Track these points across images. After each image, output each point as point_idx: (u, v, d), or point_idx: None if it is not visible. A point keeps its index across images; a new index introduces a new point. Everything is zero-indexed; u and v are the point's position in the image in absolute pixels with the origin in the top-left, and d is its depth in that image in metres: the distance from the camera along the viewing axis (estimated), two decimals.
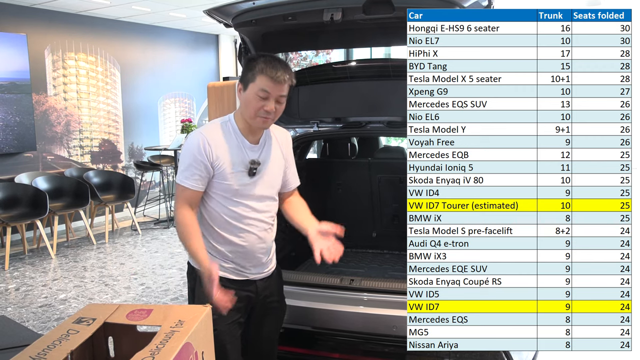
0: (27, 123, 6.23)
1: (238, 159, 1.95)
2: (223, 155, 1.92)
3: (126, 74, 7.47)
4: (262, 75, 1.86)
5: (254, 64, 1.89)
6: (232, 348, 2.04)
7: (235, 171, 1.94)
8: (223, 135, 1.95)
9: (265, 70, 1.86)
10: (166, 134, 8.12)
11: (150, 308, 1.36)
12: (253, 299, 2.09)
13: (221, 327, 1.97)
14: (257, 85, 1.87)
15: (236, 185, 1.95)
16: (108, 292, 4.47)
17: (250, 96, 1.89)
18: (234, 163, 1.94)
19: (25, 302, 4.25)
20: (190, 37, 8.38)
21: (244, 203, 1.98)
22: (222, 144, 1.93)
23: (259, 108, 1.88)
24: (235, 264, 2.03)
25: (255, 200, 2.00)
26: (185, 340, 1.19)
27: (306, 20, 2.41)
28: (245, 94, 1.91)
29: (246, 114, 1.93)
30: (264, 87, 1.86)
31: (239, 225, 1.99)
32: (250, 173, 1.96)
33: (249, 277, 2.07)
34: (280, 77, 1.86)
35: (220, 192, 1.96)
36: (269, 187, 2.04)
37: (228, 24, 2.53)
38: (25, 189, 5.57)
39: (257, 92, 1.87)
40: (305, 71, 3.37)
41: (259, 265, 2.09)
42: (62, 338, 1.22)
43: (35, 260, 5.43)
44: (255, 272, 2.08)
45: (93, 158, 7.15)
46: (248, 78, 1.90)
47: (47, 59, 6.53)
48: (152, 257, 5.50)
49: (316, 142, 4.53)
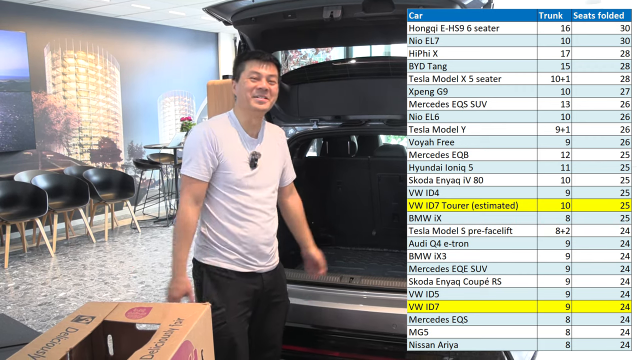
0: (27, 121, 6.23)
1: (240, 150, 2.05)
2: (227, 146, 2.02)
3: (126, 72, 7.46)
4: (250, 60, 2.04)
5: (241, 58, 2.09)
6: (240, 341, 2.08)
7: (238, 162, 2.04)
8: (226, 128, 2.07)
9: (252, 55, 2.06)
10: (166, 132, 8.12)
11: (149, 306, 1.35)
12: (259, 292, 2.14)
13: (230, 321, 2.03)
14: (247, 71, 2.03)
15: (238, 175, 2.04)
16: (108, 290, 4.47)
17: (243, 82, 2.03)
18: (237, 154, 2.04)
19: (25, 300, 4.25)
20: (189, 35, 8.38)
21: (246, 193, 2.06)
22: (226, 135, 2.04)
23: (253, 88, 2.01)
24: (240, 255, 2.09)
25: (257, 191, 2.08)
26: (184, 338, 1.19)
27: (306, 18, 2.41)
28: (239, 84, 2.06)
29: (242, 100, 2.05)
30: (253, 69, 2.02)
31: (241, 215, 2.06)
32: (252, 164, 2.06)
33: (254, 270, 2.12)
34: (266, 57, 2.03)
35: (223, 182, 2.04)
36: (269, 179, 2.13)
37: (228, 22, 2.53)
38: (25, 187, 5.56)
39: (248, 76, 2.02)
40: (305, 69, 3.36)
41: (263, 257, 2.14)
42: (61, 336, 1.22)
43: (34, 259, 5.43)
44: (261, 264, 2.13)
45: (92, 156, 7.14)
46: (238, 70, 2.06)
47: (47, 57, 6.53)
48: (151, 255, 5.50)
49: (316, 141, 4.53)
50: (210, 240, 2.09)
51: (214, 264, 2.09)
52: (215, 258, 2.08)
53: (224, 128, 2.06)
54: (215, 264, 2.08)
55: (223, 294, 2.06)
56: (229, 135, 2.05)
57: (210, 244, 2.09)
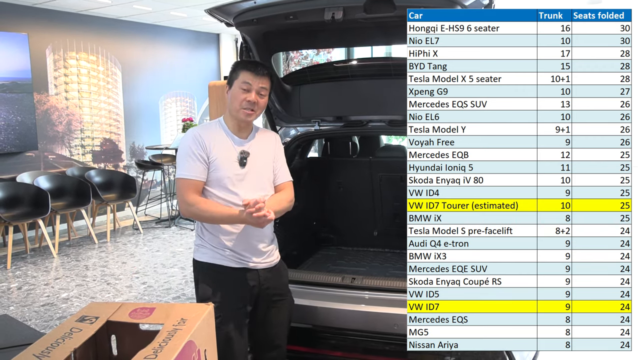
0: (29, 122, 6.24)
1: (229, 150, 2.12)
2: (215, 147, 2.09)
3: (127, 73, 7.48)
4: (244, 70, 2.10)
5: (237, 65, 2.16)
6: (236, 336, 2.10)
7: (227, 161, 2.10)
8: (214, 131, 2.15)
9: (246, 66, 2.12)
10: (167, 133, 8.13)
11: (152, 306, 1.36)
12: (256, 287, 2.16)
13: (225, 315, 2.04)
14: (239, 80, 2.10)
15: (229, 173, 2.09)
16: (110, 291, 4.49)
17: (235, 90, 2.11)
18: (226, 153, 2.10)
19: (28, 301, 4.26)
20: (191, 36, 8.39)
21: (235, 192, 2.10)
22: (215, 137, 2.12)
23: (242, 100, 2.08)
24: (233, 251, 2.13)
25: (247, 190, 2.11)
26: (187, 338, 1.20)
27: (307, 19, 2.41)
28: (231, 91, 2.13)
29: (232, 108, 2.12)
30: (245, 80, 2.09)
31: None
32: (241, 163, 2.12)
33: (248, 266, 2.14)
34: (259, 71, 2.10)
35: (215, 181, 2.10)
36: (259, 178, 2.17)
37: (229, 23, 2.54)
38: (27, 188, 5.58)
39: (240, 85, 2.09)
40: (307, 70, 3.37)
41: (258, 254, 2.16)
42: (65, 336, 1.23)
43: (37, 260, 5.44)
44: (256, 260, 2.16)
45: (94, 157, 7.16)
46: (232, 77, 2.14)
47: (49, 58, 6.54)
48: (153, 256, 5.52)
49: (317, 141, 4.54)
50: (204, 239, 2.16)
51: (209, 262, 2.13)
52: (209, 256, 2.14)
53: (211, 131, 2.13)
54: (210, 261, 2.13)
55: (218, 289, 2.11)
56: (218, 137, 2.13)
57: (205, 242, 2.15)
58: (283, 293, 2.27)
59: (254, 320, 2.19)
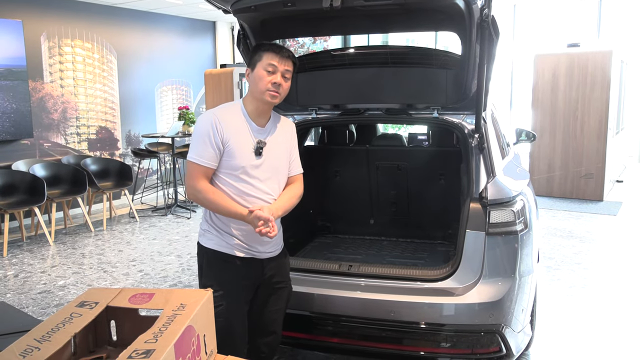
0: (24, 110, 6.21)
1: (246, 138, 2.08)
2: (232, 134, 2.05)
3: (123, 60, 7.43)
4: (269, 52, 2.06)
5: (259, 47, 2.11)
6: (237, 323, 2.12)
7: (243, 149, 2.07)
8: (234, 116, 2.10)
9: (271, 48, 2.08)
10: (163, 121, 8.10)
11: (152, 292, 1.37)
12: (259, 277, 2.17)
13: (227, 303, 2.06)
14: (264, 62, 2.05)
15: (243, 162, 2.07)
16: (107, 278, 4.49)
17: (259, 72, 2.06)
18: (243, 141, 2.07)
19: (25, 288, 4.27)
20: (186, 24, 8.33)
21: (249, 182, 2.08)
22: (232, 123, 2.07)
23: (268, 82, 2.05)
24: (240, 240, 2.12)
25: (260, 181, 2.10)
26: (187, 323, 1.21)
27: (305, 7, 2.40)
28: (254, 73, 2.08)
29: (256, 91, 2.08)
30: (270, 62, 2.05)
31: (242, 202, 2.08)
32: (257, 152, 2.09)
33: (254, 255, 2.15)
34: (284, 53, 2.07)
35: (228, 169, 2.07)
36: (274, 170, 2.15)
37: (227, 10, 2.52)
38: (23, 176, 5.56)
39: (265, 67, 2.05)
40: (304, 58, 3.36)
41: (265, 244, 2.16)
42: (65, 321, 1.24)
43: (33, 247, 5.44)
44: (262, 250, 2.16)
45: (90, 145, 7.13)
46: (255, 59, 2.08)
47: (44, 45, 6.49)
48: (150, 244, 5.52)
49: (314, 129, 4.53)
50: (212, 225, 2.14)
51: (215, 248, 2.13)
52: (216, 242, 2.13)
53: (231, 116, 2.08)
54: (216, 249, 2.13)
55: (222, 277, 2.11)
56: (236, 123, 2.08)
57: (212, 228, 2.14)
58: (284, 280, 2.29)
59: (253, 305, 2.21)
